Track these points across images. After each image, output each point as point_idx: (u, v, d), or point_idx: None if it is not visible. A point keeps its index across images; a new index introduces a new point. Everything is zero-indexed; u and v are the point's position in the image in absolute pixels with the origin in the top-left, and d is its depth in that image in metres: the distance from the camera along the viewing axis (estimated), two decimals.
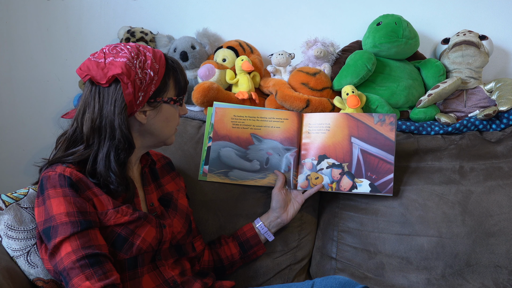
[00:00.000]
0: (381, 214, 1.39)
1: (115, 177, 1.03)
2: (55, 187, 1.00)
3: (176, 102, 1.12)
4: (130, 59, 1.03)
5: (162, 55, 1.10)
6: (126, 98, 1.02)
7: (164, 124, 1.12)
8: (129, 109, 1.04)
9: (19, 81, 1.75)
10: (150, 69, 1.05)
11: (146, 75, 1.04)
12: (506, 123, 1.51)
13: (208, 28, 1.72)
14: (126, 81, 1.02)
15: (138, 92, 1.04)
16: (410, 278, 1.33)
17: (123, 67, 1.02)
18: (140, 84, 1.03)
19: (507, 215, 1.33)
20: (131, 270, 1.04)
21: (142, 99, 1.05)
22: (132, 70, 1.03)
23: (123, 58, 1.03)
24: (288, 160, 1.38)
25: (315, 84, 1.56)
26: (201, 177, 1.41)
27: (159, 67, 1.07)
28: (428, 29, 1.74)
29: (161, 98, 1.08)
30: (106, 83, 1.02)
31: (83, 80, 1.06)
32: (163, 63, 1.08)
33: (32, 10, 1.74)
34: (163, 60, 1.08)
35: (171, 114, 1.12)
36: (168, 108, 1.11)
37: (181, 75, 1.12)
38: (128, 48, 1.06)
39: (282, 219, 1.35)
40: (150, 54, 1.07)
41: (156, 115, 1.09)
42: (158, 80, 1.06)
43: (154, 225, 1.08)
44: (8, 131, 1.77)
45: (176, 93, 1.12)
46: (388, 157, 1.33)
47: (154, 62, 1.06)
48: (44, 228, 0.98)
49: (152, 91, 1.06)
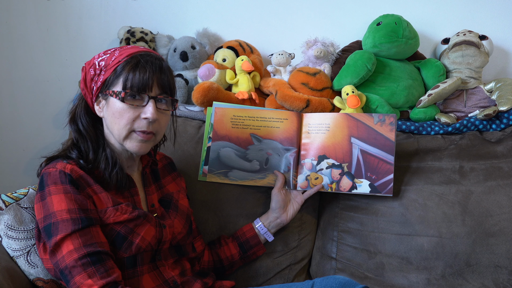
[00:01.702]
0: (381, 214, 1.39)
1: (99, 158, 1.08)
2: (56, 184, 1.00)
3: (117, 95, 1.04)
4: (101, 53, 1.09)
5: (132, 51, 1.06)
6: (80, 85, 1.10)
7: (112, 119, 1.07)
8: (86, 98, 1.12)
9: (19, 81, 1.75)
10: (104, 60, 1.07)
11: (99, 66, 1.07)
12: (506, 123, 1.51)
13: (208, 28, 1.72)
14: (86, 70, 1.09)
15: (91, 82, 1.09)
16: (410, 278, 1.34)
17: (91, 59, 1.10)
18: (93, 74, 1.08)
19: (507, 215, 1.33)
20: (130, 269, 1.04)
21: (95, 89, 1.08)
22: (95, 59, 1.08)
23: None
24: (288, 160, 1.38)
25: (315, 84, 1.56)
26: (200, 178, 1.41)
27: (115, 58, 1.06)
28: (428, 29, 1.74)
29: (108, 90, 1.07)
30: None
31: None
32: (122, 55, 1.05)
33: (32, 10, 1.74)
34: (125, 54, 1.06)
35: (117, 109, 1.05)
36: (114, 102, 1.05)
37: (136, 71, 1.04)
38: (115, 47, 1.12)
39: (282, 219, 1.35)
40: (124, 49, 1.08)
41: (106, 108, 1.08)
42: (107, 71, 1.06)
43: (154, 224, 1.09)
44: (8, 131, 1.77)
45: (121, 87, 1.04)
46: (388, 157, 1.33)
47: (114, 54, 1.07)
48: (45, 225, 0.98)
49: (101, 82, 1.07)
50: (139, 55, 1.06)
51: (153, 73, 1.05)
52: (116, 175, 1.07)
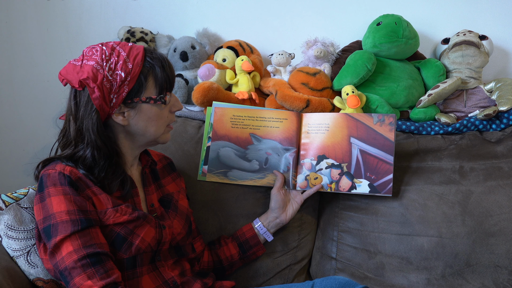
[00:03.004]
0: (381, 214, 1.39)
1: (98, 175, 1.05)
2: (55, 185, 1.00)
3: (157, 101, 1.07)
4: (98, 62, 1.03)
5: (140, 53, 1.06)
6: (94, 102, 1.02)
7: (147, 124, 1.09)
8: (102, 112, 1.04)
9: (19, 81, 1.75)
10: (121, 70, 1.03)
11: (116, 77, 1.03)
12: (506, 123, 1.51)
13: (208, 28, 1.72)
14: (92, 85, 1.02)
15: (110, 95, 1.03)
16: (410, 278, 1.33)
17: (89, 71, 1.02)
18: (110, 87, 1.03)
19: (507, 215, 1.33)
20: (130, 270, 1.04)
21: (116, 101, 1.04)
22: (100, 73, 1.02)
23: (92, 61, 1.03)
24: (287, 160, 1.38)
25: (315, 84, 1.56)
26: (200, 177, 1.41)
27: (133, 66, 1.04)
28: (428, 29, 1.74)
29: (138, 98, 1.06)
30: (79, 87, 1.03)
31: (63, 84, 1.07)
32: (138, 62, 1.04)
33: (32, 10, 1.74)
34: (138, 59, 1.04)
35: (154, 113, 1.08)
36: (149, 108, 1.07)
37: (163, 72, 1.07)
38: (103, 49, 1.05)
39: (281, 219, 1.35)
40: (125, 53, 1.04)
41: (136, 116, 1.07)
42: (131, 81, 1.04)
43: (154, 225, 1.08)
44: (8, 131, 1.77)
45: (156, 91, 1.07)
46: (388, 157, 1.33)
47: (127, 62, 1.03)
48: (44, 226, 0.99)
49: (126, 92, 1.04)
50: (149, 54, 1.08)
51: (172, 69, 1.12)
52: (120, 183, 1.08)
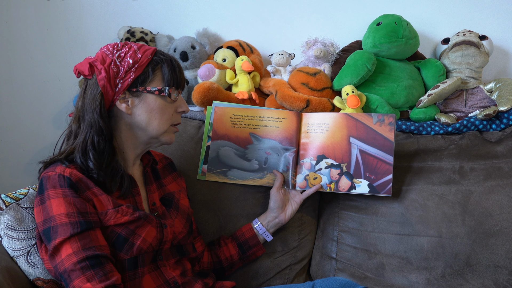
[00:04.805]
0: (381, 214, 1.39)
1: (94, 166, 1.04)
2: (55, 188, 1.00)
3: (161, 92, 1.09)
4: (110, 49, 1.09)
5: (152, 49, 1.10)
6: (99, 83, 1.05)
7: (150, 116, 1.10)
8: (106, 96, 1.07)
9: (19, 81, 1.76)
10: (129, 58, 1.07)
11: (124, 63, 1.07)
12: (506, 123, 1.51)
13: (208, 28, 1.72)
14: (99, 66, 1.06)
15: (116, 79, 1.06)
16: (410, 278, 1.33)
17: (99, 55, 1.09)
18: (117, 71, 1.06)
19: (507, 215, 1.33)
20: (132, 270, 1.04)
21: (121, 86, 1.07)
22: (109, 57, 1.07)
23: (104, 48, 1.10)
24: (287, 160, 1.38)
25: (315, 84, 1.56)
26: (200, 177, 1.42)
27: (142, 56, 1.08)
28: (428, 29, 1.74)
29: (143, 88, 1.08)
30: (88, 74, 1.07)
31: (76, 76, 1.10)
32: (147, 54, 1.09)
33: (32, 10, 1.74)
34: (148, 52, 1.09)
35: (158, 106, 1.10)
36: (153, 99, 1.10)
37: (171, 69, 1.11)
38: (118, 43, 1.11)
39: (280, 219, 1.35)
40: (136, 46, 1.09)
41: (140, 105, 1.09)
42: (138, 69, 1.07)
43: (155, 225, 1.08)
44: (8, 131, 1.77)
45: (163, 85, 1.10)
46: (387, 157, 1.33)
47: (137, 52, 1.08)
48: (44, 228, 0.99)
49: (132, 79, 1.07)
50: (160, 53, 1.12)
51: (181, 70, 1.15)
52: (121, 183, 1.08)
